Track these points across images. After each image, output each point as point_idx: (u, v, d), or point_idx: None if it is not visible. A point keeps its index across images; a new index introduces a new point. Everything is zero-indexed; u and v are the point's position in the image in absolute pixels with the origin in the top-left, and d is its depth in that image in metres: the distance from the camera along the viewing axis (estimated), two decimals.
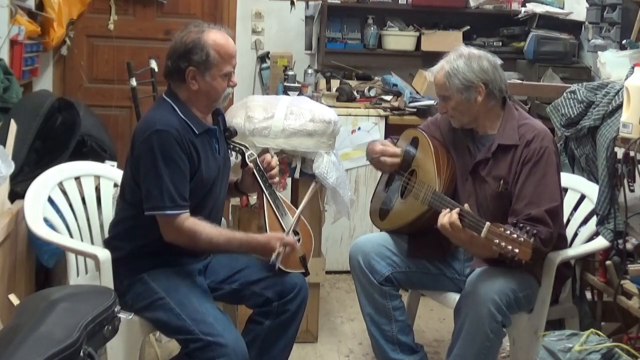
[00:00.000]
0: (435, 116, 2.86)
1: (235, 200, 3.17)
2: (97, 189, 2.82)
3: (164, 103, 2.42)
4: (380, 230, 2.83)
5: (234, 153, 2.64)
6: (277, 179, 2.62)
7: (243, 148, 2.61)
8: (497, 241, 2.20)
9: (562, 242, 2.63)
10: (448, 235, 2.40)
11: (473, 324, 2.38)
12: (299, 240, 2.56)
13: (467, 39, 4.68)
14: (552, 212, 2.44)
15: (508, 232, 2.19)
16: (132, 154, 2.39)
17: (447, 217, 2.36)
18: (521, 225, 2.28)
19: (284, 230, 2.53)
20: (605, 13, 3.86)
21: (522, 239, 2.16)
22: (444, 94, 2.58)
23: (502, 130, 2.56)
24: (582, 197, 2.89)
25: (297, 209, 2.66)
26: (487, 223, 2.24)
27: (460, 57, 2.56)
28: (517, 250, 2.15)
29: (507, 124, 2.57)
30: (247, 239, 2.44)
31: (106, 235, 2.61)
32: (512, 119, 2.58)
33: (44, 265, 2.96)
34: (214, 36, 2.38)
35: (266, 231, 2.50)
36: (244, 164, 2.58)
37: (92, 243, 2.71)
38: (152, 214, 2.32)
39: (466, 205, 2.39)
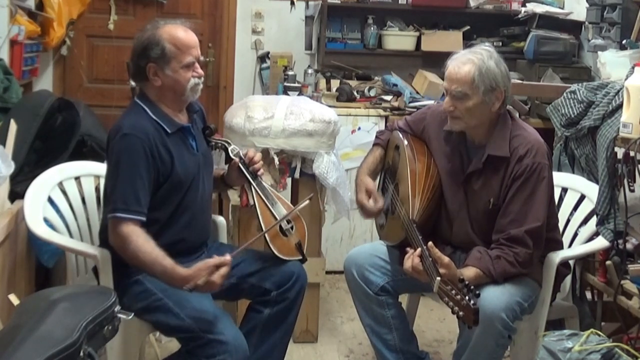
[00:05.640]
0: (421, 115, 2.74)
1: (235, 200, 3.17)
2: (97, 189, 2.82)
3: (135, 106, 2.43)
4: (380, 238, 2.80)
5: (216, 150, 2.65)
6: (261, 170, 2.62)
7: (225, 144, 2.61)
8: (445, 299, 2.13)
9: (557, 246, 2.62)
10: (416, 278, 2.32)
11: (480, 341, 2.34)
12: (292, 227, 2.58)
13: (467, 39, 4.67)
14: (533, 233, 2.40)
15: (454, 291, 2.10)
16: (106, 158, 2.42)
17: (410, 260, 2.30)
18: (500, 246, 2.36)
19: (276, 219, 2.53)
20: (605, 13, 3.86)
21: (465, 303, 2.07)
22: (466, 91, 2.41)
23: (494, 141, 2.47)
24: (582, 197, 2.89)
25: (289, 202, 2.68)
26: (438, 278, 2.14)
27: (490, 57, 2.45)
28: (461, 313, 2.08)
29: (500, 134, 2.47)
30: (172, 267, 2.24)
31: None
32: (505, 128, 2.48)
33: (44, 265, 2.96)
34: (169, 30, 2.39)
35: (259, 220, 2.52)
36: (228, 159, 2.59)
37: (92, 243, 2.71)
38: (109, 217, 2.31)
39: (430, 244, 2.26)
